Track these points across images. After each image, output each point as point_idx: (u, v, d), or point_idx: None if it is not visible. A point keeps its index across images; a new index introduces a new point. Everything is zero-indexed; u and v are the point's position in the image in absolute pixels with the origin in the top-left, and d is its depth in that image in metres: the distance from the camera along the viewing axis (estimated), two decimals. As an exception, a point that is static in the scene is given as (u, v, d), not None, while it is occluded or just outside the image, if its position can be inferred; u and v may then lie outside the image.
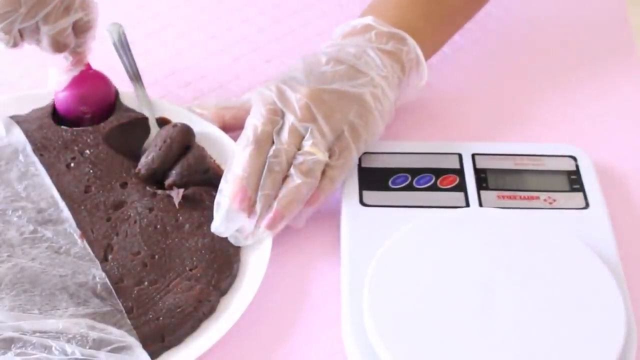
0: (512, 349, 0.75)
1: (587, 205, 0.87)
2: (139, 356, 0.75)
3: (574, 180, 0.89)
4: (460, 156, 0.91)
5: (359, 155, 0.89)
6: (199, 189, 0.87)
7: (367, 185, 0.89)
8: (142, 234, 0.84)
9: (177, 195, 0.86)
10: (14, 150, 0.90)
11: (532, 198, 0.88)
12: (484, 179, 0.89)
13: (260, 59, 1.06)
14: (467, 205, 0.87)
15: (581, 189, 0.89)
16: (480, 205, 0.87)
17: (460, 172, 0.90)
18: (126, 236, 0.84)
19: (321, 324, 0.81)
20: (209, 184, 0.88)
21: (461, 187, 0.89)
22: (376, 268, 0.80)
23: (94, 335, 0.75)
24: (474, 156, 0.91)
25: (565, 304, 0.78)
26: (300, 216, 0.86)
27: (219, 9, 1.12)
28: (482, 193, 0.88)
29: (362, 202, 0.87)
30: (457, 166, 0.90)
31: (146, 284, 0.81)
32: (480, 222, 0.84)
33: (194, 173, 0.88)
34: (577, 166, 0.91)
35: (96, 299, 0.79)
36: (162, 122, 0.93)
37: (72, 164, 0.89)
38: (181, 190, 0.86)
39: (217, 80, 1.03)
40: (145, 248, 0.83)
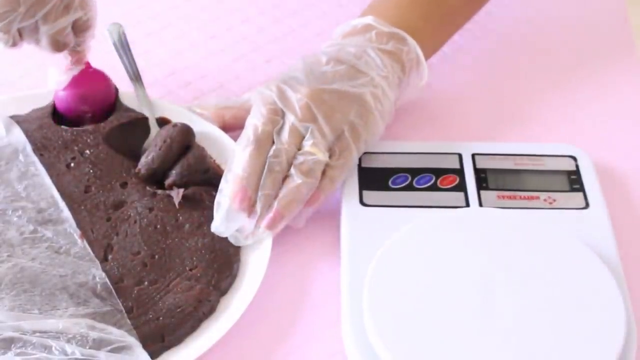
0: (512, 348, 0.75)
1: (587, 205, 0.87)
2: (139, 356, 0.75)
3: (574, 180, 0.89)
4: (460, 156, 0.91)
5: (359, 155, 0.89)
6: (199, 188, 0.87)
7: (367, 185, 0.89)
8: (142, 234, 0.84)
9: (177, 195, 0.86)
10: (14, 150, 0.90)
11: (532, 198, 0.88)
12: (484, 179, 0.89)
13: (260, 59, 1.06)
14: (467, 205, 0.87)
15: (581, 189, 0.89)
16: (480, 205, 0.87)
17: (460, 172, 0.90)
18: (126, 236, 0.84)
19: (321, 324, 0.81)
20: (209, 183, 0.88)
21: (461, 187, 0.89)
22: (376, 268, 0.80)
23: (94, 335, 0.75)
24: (474, 156, 0.91)
25: (565, 304, 0.78)
26: (300, 216, 0.86)
27: (219, 9, 1.12)
28: (482, 193, 0.88)
29: (362, 202, 0.87)
30: (457, 166, 0.90)
31: (146, 283, 0.81)
32: (480, 222, 0.84)
33: (194, 173, 0.88)
34: (577, 166, 0.91)
35: (96, 299, 0.79)
36: (162, 122, 0.93)
37: (72, 164, 0.89)
38: (181, 190, 0.86)
39: (217, 80, 1.03)
40: (145, 248, 0.83)
